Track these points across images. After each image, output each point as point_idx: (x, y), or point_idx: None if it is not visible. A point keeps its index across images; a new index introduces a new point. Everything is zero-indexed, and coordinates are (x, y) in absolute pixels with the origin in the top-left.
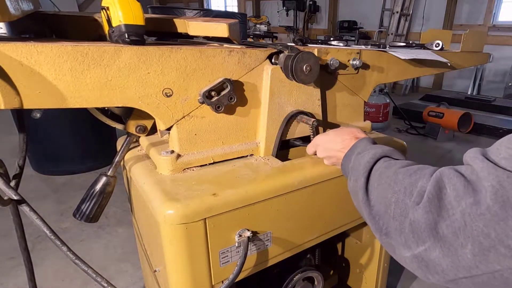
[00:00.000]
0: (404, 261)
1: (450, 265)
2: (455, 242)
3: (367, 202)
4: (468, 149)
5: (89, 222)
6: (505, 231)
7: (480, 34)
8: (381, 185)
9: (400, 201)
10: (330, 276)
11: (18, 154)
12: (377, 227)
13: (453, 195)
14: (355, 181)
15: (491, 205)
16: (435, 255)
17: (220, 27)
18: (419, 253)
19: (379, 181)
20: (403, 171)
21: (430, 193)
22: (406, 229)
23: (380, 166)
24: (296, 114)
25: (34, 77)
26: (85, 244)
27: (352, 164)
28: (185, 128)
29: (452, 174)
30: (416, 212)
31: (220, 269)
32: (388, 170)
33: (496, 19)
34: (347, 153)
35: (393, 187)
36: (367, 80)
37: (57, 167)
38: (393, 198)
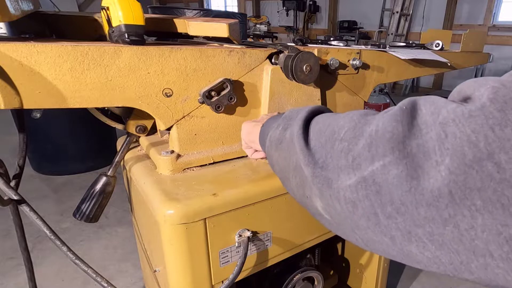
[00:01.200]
0: (343, 194)
1: (413, 189)
2: (426, 161)
3: (302, 135)
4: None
5: (89, 222)
6: (500, 140)
7: (480, 34)
8: (330, 117)
9: (358, 128)
10: (330, 276)
11: (18, 154)
12: (310, 159)
13: (430, 111)
14: (284, 129)
15: (488, 105)
16: (394, 174)
17: (220, 27)
18: (372, 172)
19: (328, 116)
20: (362, 111)
21: (404, 105)
22: (358, 145)
23: (326, 114)
24: None
25: (34, 77)
26: (85, 244)
27: (285, 115)
28: (185, 128)
29: (431, 97)
30: (381, 120)
31: (220, 269)
32: (341, 115)
33: (496, 19)
34: (274, 116)
35: (351, 116)
36: (367, 80)
37: (57, 167)
38: (348, 124)
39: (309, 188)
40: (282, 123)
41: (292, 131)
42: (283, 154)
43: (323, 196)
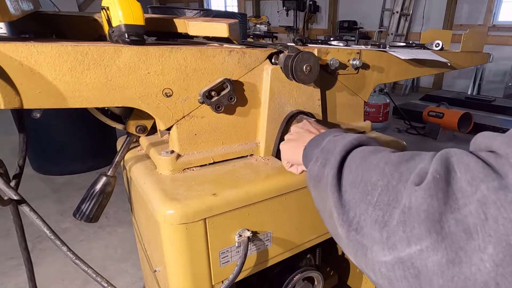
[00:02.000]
0: (379, 268)
1: (456, 278)
2: (467, 244)
3: (337, 186)
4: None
5: (89, 222)
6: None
7: (480, 34)
8: (362, 166)
9: (391, 187)
10: (330, 276)
11: (18, 154)
12: (344, 219)
13: (466, 178)
14: (323, 164)
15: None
16: (434, 261)
17: (220, 27)
18: (409, 255)
19: (361, 162)
20: (397, 154)
21: (437, 172)
22: (393, 220)
23: (364, 149)
24: (296, 114)
25: (34, 77)
26: (85, 244)
27: (324, 145)
28: (185, 128)
29: (463, 154)
30: (414, 195)
31: (220, 269)
32: (375, 153)
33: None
34: (314, 138)
35: (383, 169)
36: (367, 80)
37: (57, 167)
38: (381, 181)
39: (343, 245)
40: (320, 157)
41: (327, 175)
42: (320, 195)
43: (357, 260)
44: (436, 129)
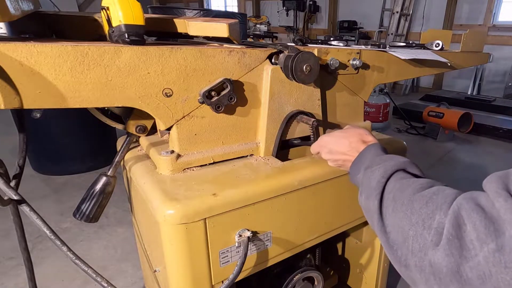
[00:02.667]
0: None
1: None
2: (482, 286)
3: (383, 228)
4: (488, 176)
5: (89, 222)
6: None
7: (480, 34)
8: (397, 213)
9: (418, 236)
10: (330, 276)
11: (18, 154)
12: (395, 257)
13: (475, 235)
14: (367, 199)
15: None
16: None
17: (220, 27)
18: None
19: (394, 206)
20: (418, 198)
21: (449, 233)
22: (426, 269)
23: (393, 187)
24: (296, 114)
25: (34, 77)
26: (85, 244)
27: (363, 178)
28: (185, 128)
29: (471, 209)
30: (436, 255)
31: (220, 269)
32: (403, 194)
33: (496, 19)
34: (354, 161)
35: (410, 218)
36: (367, 80)
37: (57, 167)
38: (411, 231)
39: (399, 270)
40: (363, 191)
41: (372, 215)
42: (372, 225)
43: (413, 286)
44: (436, 129)
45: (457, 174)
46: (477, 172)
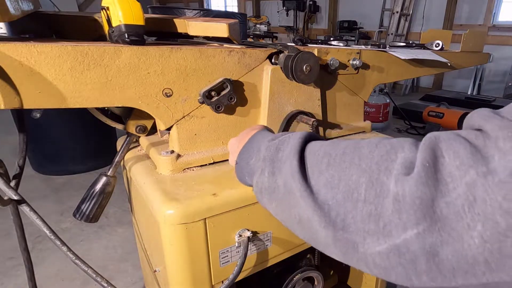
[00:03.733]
0: (373, 259)
1: (450, 256)
2: (458, 223)
3: (307, 190)
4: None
5: (89, 222)
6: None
7: (480, 34)
8: (333, 166)
9: (374, 181)
10: (330, 276)
11: (18, 154)
12: (327, 220)
13: (455, 164)
14: (272, 173)
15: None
16: (429, 243)
17: (220, 27)
18: (405, 240)
19: (328, 161)
20: (364, 144)
21: (425, 159)
22: (387, 210)
23: (319, 147)
24: (296, 114)
25: (34, 77)
26: (85, 244)
27: (264, 155)
28: (185, 128)
29: (452, 139)
30: (406, 184)
31: (220, 269)
32: (338, 147)
33: (496, 19)
34: (243, 149)
35: (359, 164)
36: (367, 80)
37: (57, 167)
38: (363, 178)
39: (328, 246)
40: (266, 167)
41: (286, 180)
42: (280, 205)
43: (347, 257)
44: (436, 129)
45: None
46: None
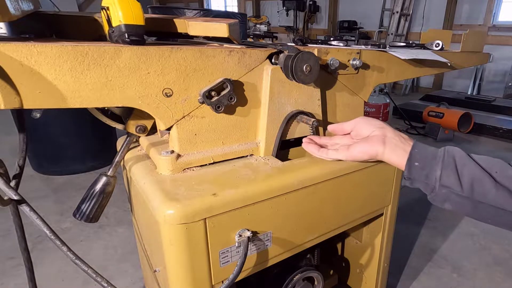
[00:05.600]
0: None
1: None
2: None
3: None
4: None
5: (89, 222)
6: None
7: (480, 34)
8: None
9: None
10: (330, 276)
11: (18, 154)
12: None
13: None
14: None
15: None
16: None
17: (220, 27)
18: None
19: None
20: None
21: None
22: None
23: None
24: (296, 114)
25: (34, 77)
26: (85, 244)
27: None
28: (185, 128)
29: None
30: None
31: (220, 269)
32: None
33: (496, 19)
34: (418, 159)
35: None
36: (367, 80)
37: (57, 167)
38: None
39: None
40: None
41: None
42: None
43: None
44: (436, 129)
45: None
46: None
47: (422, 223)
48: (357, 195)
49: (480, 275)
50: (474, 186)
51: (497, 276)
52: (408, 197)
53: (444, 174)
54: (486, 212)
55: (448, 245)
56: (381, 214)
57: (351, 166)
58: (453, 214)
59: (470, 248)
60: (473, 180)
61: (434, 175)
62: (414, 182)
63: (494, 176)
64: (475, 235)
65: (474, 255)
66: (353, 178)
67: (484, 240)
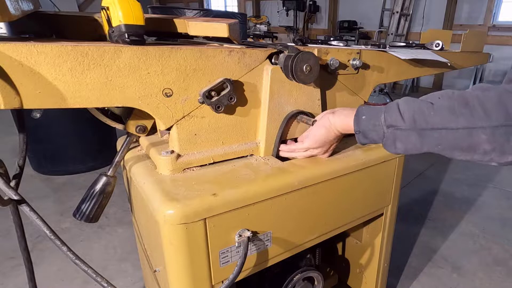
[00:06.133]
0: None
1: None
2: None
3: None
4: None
5: (89, 222)
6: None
7: (480, 34)
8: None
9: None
10: (330, 276)
11: (18, 154)
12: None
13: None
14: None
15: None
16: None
17: (220, 27)
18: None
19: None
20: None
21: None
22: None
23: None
24: (296, 114)
25: (34, 77)
26: (85, 244)
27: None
28: (185, 128)
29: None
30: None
31: (220, 269)
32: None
33: (496, 19)
34: (366, 115)
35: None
36: (367, 80)
37: (57, 167)
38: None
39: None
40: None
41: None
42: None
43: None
44: None
45: (457, 174)
46: (477, 171)
47: (422, 223)
48: (357, 195)
49: (480, 275)
50: (415, 117)
51: (497, 276)
52: (408, 197)
53: (387, 116)
54: (432, 138)
55: (448, 245)
56: (381, 214)
57: (351, 166)
58: (453, 214)
59: (470, 248)
60: (414, 112)
61: (380, 120)
62: (365, 134)
63: (435, 102)
64: (475, 235)
65: (474, 255)
66: (353, 178)
67: (484, 240)
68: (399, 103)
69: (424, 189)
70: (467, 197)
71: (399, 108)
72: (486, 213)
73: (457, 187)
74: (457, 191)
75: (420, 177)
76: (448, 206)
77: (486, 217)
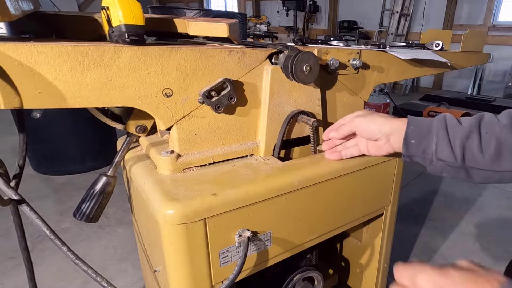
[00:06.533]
0: None
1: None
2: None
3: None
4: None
5: (89, 222)
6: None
7: (480, 34)
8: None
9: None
10: (330, 276)
11: (18, 154)
12: None
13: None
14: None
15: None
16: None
17: (220, 27)
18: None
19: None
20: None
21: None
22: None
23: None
24: (296, 114)
25: (34, 77)
26: (85, 244)
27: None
28: (185, 128)
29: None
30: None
31: (220, 269)
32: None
33: (496, 19)
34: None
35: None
36: (367, 80)
37: (57, 167)
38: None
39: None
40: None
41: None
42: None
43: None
44: None
45: None
46: None
47: (422, 223)
48: (357, 195)
49: None
50: (466, 156)
51: None
52: (408, 197)
53: (439, 149)
54: (478, 175)
55: (448, 245)
56: (381, 214)
57: (351, 166)
58: (453, 214)
59: (470, 248)
60: (464, 149)
61: (430, 150)
62: (412, 158)
63: (483, 137)
64: (475, 235)
65: (474, 255)
66: (353, 178)
67: (484, 240)
68: (449, 131)
69: (424, 189)
70: (467, 197)
71: (449, 141)
72: (486, 213)
73: (457, 187)
74: (457, 191)
75: (420, 177)
76: (448, 206)
77: (486, 217)
